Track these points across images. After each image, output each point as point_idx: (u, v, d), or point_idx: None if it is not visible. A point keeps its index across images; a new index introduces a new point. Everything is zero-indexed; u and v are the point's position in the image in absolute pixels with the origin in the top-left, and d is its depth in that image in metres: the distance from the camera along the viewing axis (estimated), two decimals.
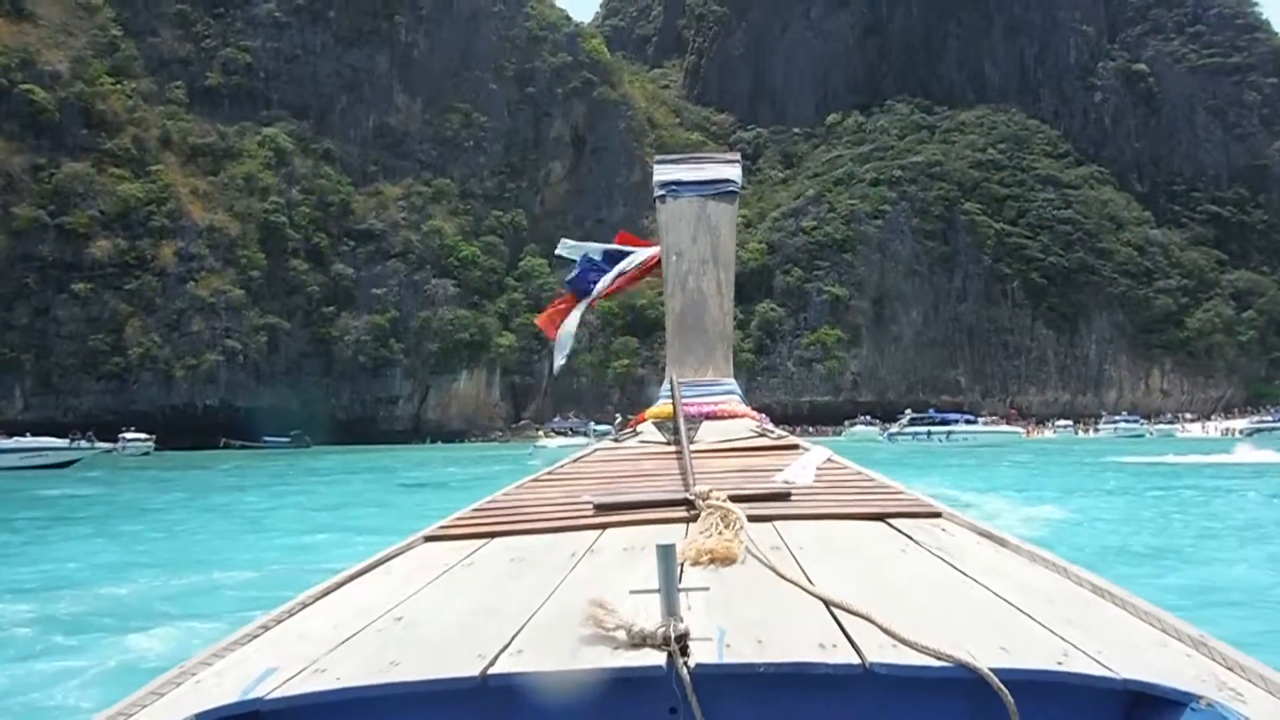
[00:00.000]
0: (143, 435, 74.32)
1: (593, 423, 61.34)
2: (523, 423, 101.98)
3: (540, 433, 52.46)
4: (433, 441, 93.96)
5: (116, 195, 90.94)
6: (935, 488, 23.62)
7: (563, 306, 5.64)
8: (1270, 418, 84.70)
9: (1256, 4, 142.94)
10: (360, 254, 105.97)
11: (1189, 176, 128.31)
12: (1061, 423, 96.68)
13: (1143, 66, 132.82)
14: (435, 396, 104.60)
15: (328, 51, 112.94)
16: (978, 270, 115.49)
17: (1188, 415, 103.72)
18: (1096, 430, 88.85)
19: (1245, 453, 40.60)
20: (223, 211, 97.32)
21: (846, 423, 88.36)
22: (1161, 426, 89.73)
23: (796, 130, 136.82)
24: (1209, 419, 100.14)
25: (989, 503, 20.19)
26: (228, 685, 1.38)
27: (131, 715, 1.36)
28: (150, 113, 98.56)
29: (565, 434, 52.18)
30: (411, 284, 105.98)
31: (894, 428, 73.90)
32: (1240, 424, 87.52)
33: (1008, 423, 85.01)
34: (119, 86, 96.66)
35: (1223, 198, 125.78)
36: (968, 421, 71.27)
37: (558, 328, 5.57)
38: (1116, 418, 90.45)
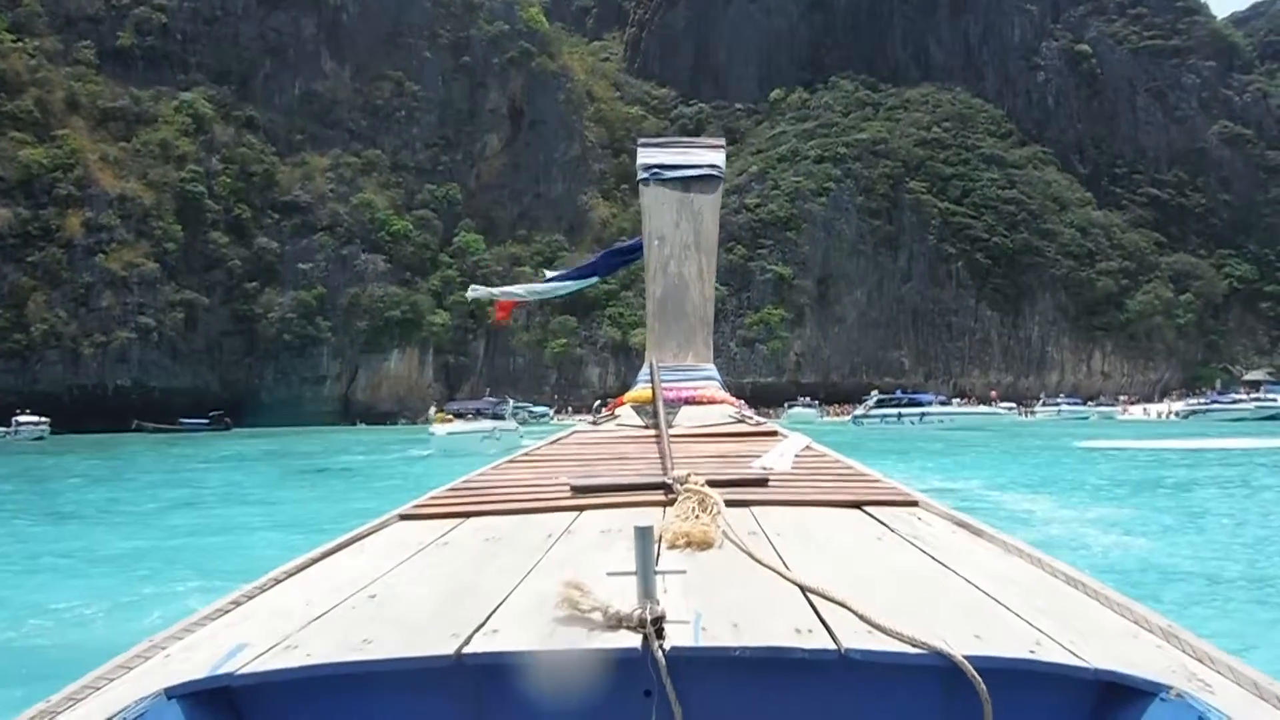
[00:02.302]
0: (35, 418, 69.09)
1: (512, 401, 53.30)
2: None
3: (437, 414, 44.41)
4: (361, 423, 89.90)
5: (18, 161, 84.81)
6: (954, 482, 21.03)
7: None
8: (1205, 400, 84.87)
9: None
10: (285, 227, 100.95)
11: (1129, 159, 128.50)
12: (1004, 405, 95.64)
13: (1085, 47, 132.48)
14: (365, 376, 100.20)
15: (250, 14, 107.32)
16: (922, 250, 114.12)
17: (1124, 397, 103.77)
18: (1034, 413, 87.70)
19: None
20: (135, 180, 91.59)
21: (786, 404, 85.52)
22: (1103, 409, 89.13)
23: (739, 106, 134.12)
24: (1149, 402, 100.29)
25: (1036, 504, 17.22)
26: (197, 660, 1.37)
27: (99, 689, 1.34)
28: (55, 74, 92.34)
29: (468, 416, 44.02)
30: (339, 259, 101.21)
31: (859, 410, 70.00)
32: (1177, 406, 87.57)
33: (988, 404, 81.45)
34: (20, 44, 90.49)
35: (1162, 180, 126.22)
36: (942, 403, 67.65)
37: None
38: (1059, 400, 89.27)
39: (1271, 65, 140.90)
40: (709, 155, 5.17)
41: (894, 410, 64.09)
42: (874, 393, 76.18)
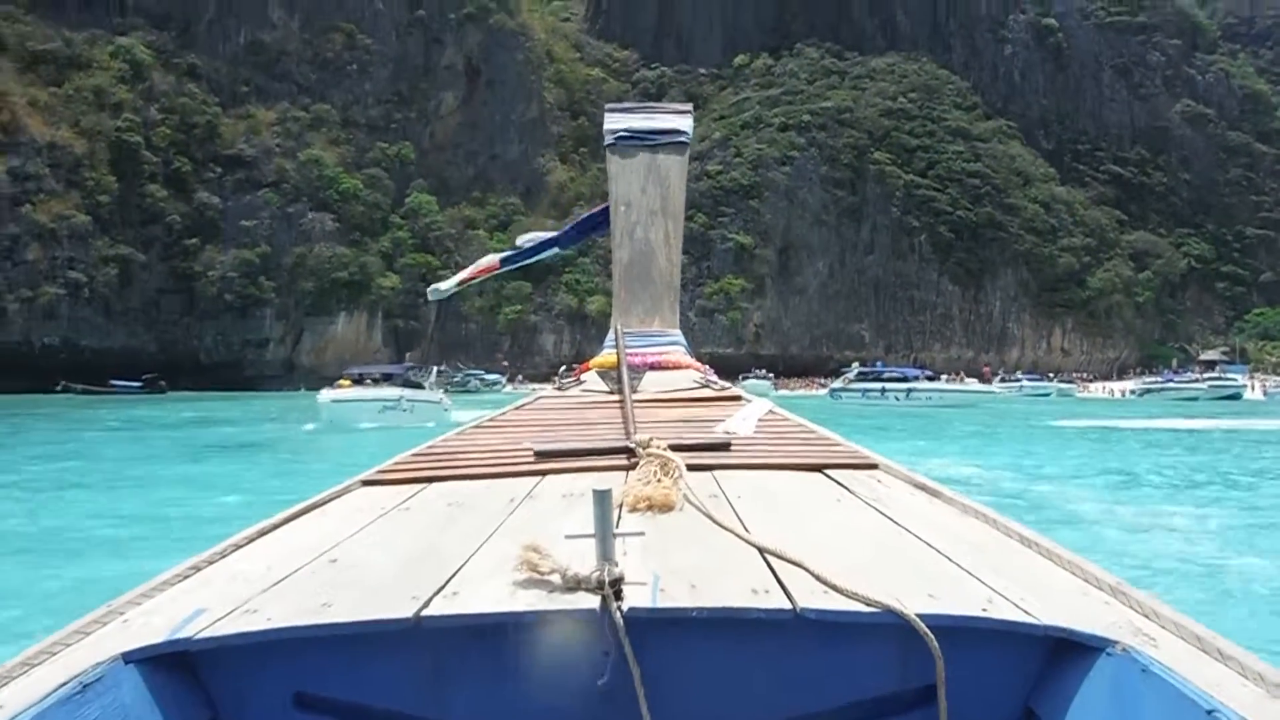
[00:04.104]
0: None
1: (436, 368, 44.89)
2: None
3: (345, 381, 35.78)
4: (305, 388, 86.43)
5: None
6: (964, 467, 18.83)
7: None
8: (1161, 379, 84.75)
9: None
10: (228, 182, 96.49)
11: (1093, 135, 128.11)
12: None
13: (1052, 21, 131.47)
14: (310, 340, 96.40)
15: None
16: (885, 222, 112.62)
17: (1084, 375, 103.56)
18: (992, 391, 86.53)
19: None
20: (67, 128, 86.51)
21: (740, 377, 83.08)
22: (1063, 386, 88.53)
23: (703, 71, 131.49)
24: (1107, 379, 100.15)
25: (1085, 505, 14.04)
26: (156, 625, 1.37)
27: (56, 654, 1.34)
28: None
29: (366, 383, 35.71)
30: (285, 217, 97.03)
31: (838, 383, 66.27)
32: (1131, 384, 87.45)
33: (981, 380, 78.51)
34: None
35: (1124, 158, 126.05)
36: (928, 378, 63.37)
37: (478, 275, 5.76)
38: (1019, 376, 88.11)
39: (1233, 46, 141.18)
40: (676, 120, 5.20)
41: (876, 385, 60.04)
42: (855, 364, 73.43)
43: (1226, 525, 11.94)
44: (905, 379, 60.43)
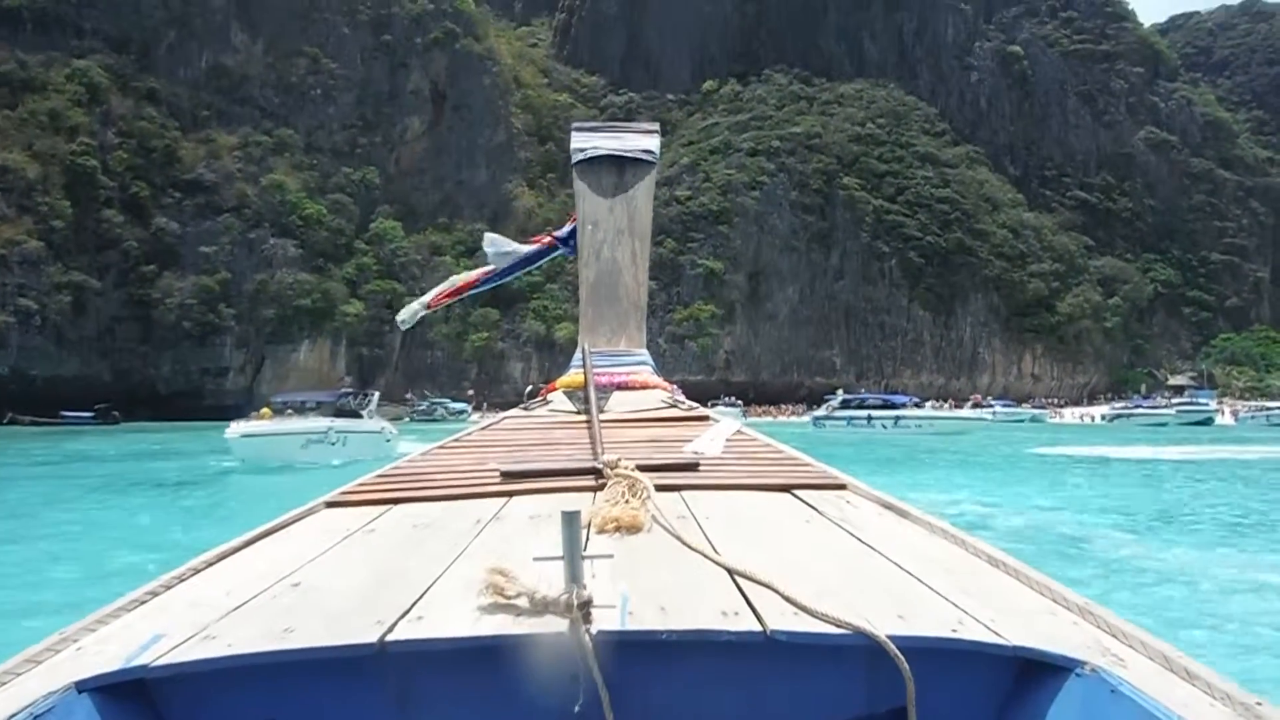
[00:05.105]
0: None
1: (376, 393, 39.59)
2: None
3: (267, 411, 31.61)
4: None
5: None
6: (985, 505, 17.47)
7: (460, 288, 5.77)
8: (1130, 404, 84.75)
9: None
10: (187, 207, 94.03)
11: (1059, 161, 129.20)
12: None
13: (1017, 49, 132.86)
14: (271, 368, 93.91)
15: None
16: (855, 248, 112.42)
17: (1055, 400, 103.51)
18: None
19: None
20: (19, 150, 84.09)
21: (710, 404, 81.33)
22: (1035, 411, 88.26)
23: (671, 96, 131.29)
24: (1077, 405, 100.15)
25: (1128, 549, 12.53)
26: (111, 652, 1.34)
27: (6, 683, 1.30)
28: None
29: (287, 412, 31.55)
30: (246, 243, 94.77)
31: (821, 410, 64.41)
32: (1101, 410, 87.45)
33: (974, 407, 76.92)
34: None
35: (1090, 184, 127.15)
36: (915, 405, 61.84)
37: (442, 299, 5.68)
38: (993, 402, 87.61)
39: (1194, 74, 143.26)
40: (643, 140, 5.19)
41: (862, 412, 58.08)
42: (839, 391, 71.62)
43: None
44: (892, 406, 58.71)
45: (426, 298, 5.81)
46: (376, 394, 38.35)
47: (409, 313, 5.75)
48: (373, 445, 29.99)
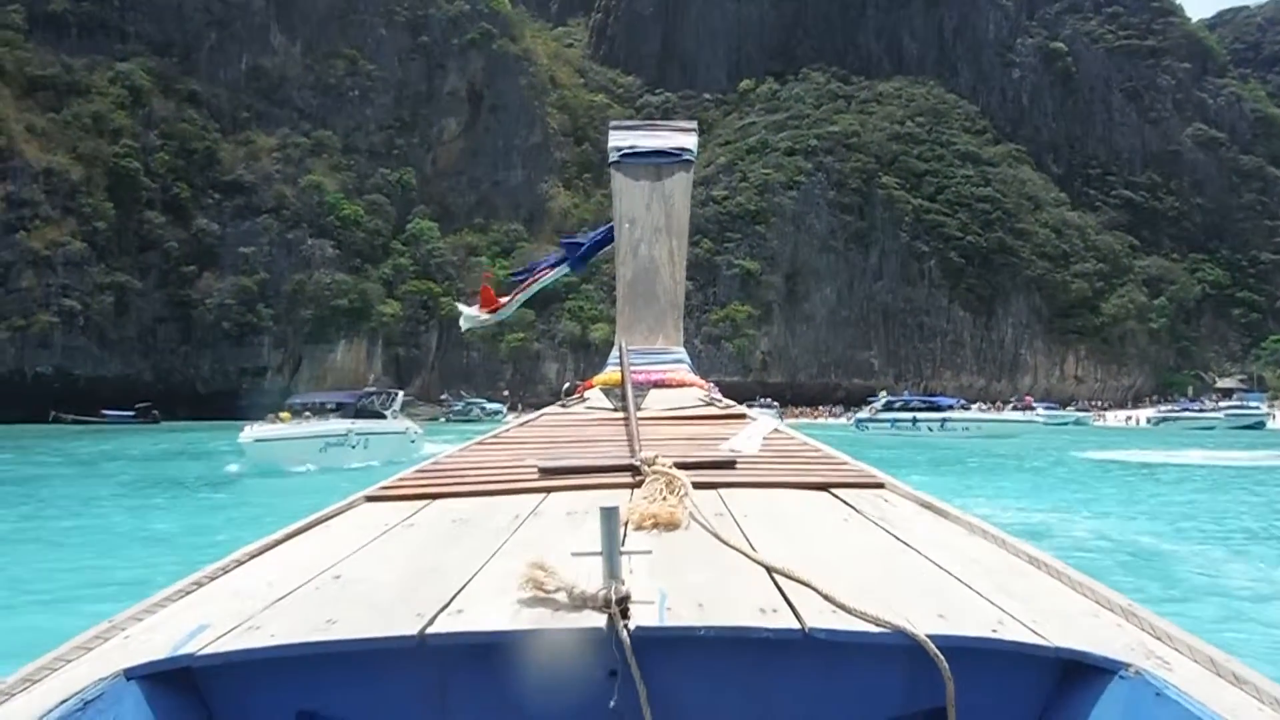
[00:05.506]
0: None
1: (400, 393, 37.51)
2: (405, 399, 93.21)
3: (285, 414, 30.15)
4: None
5: None
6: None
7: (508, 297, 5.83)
8: (1176, 407, 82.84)
9: None
10: (227, 208, 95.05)
11: (1104, 160, 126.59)
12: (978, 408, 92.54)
13: (1060, 45, 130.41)
14: (308, 368, 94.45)
15: None
16: (894, 247, 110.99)
17: (1099, 403, 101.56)
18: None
19: None
20: (64, 153, 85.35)
21: (746, 405, 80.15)
22: (1080, 415, 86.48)
23: (708, 96, 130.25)
24: (1121, 407, 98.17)
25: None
26: (158, 641, 1.37)
27: (56, 670, 1.34)
28: None
29: (305, 415, 30.41)
30: (284, 243, 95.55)
31: (864, 412, 62.78)
32: (1147, 413, 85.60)
33: (1024, 409, 73.76)
34: None
35: (1136, 182, 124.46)
36: (962, 407, 60.32)
37: (497, 307, 5.78)
38: (1035, 405, 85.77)
39: (1244, 70, 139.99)
40: (680, 138, 5.22)
41: (907, 414, 56.52)
42: (882, 393, 70.07)
43: None
44: (938, 408, 57.17)
45: (498, 314, 5.90)
46: (400, 393, 36.99)
47: (469, 319, 5.90)
48: (396, 447, 29.23)
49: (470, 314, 5.91)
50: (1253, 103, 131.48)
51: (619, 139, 5.19)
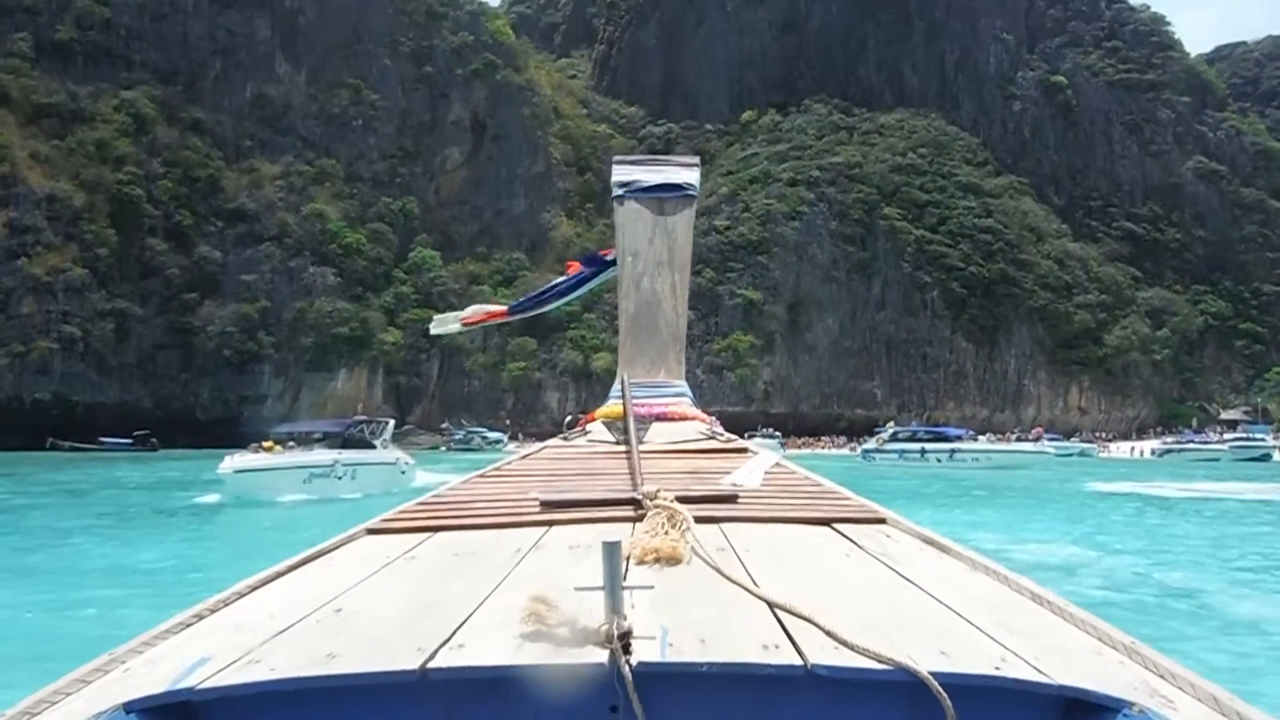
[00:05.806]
0: None
1: (390, 421, 36.35)
2: (406, 427, 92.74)
3: (270, 444, 29.64)
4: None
5: None
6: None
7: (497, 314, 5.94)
8: (1180, 439, 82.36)
9: (1169, 24, 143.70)
10: (229, 235, 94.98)
11: (1105, 192, 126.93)
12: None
13: (1061, 78, 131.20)
14: (309, 396, 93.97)
15: (200, 11, 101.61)
16: (897, 278, 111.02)
17: (1103, 435, 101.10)
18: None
19: None
20: (67, 180, 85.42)
21: (748, 435, 79.84)
22: (1085, 446, 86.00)
23: (710, 127, 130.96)
24: (1125, 439, 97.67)
25: None
26: (158, 674, 1.36)
27: (56, 703, 1.33)
28: None
29: (290, 444, 30.50)
30: (286, 271, 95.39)
31: (871, 443, 63.08)
32: (1151, 444, 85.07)
33: (1034, 440, 74.41)
34: None
35: (1137, 214, 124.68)
36: (971, 438, 60.20)
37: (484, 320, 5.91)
38: (1047, 436, 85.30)
39: (1243, 104, 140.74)
40: (683, 173, 5.26)
41: (915, 445, 56.40)
42: (889, 423, 69.80)
43: None
44: (946, 439, 56.86)
45: (465, 312, 5.92)
46: (390, 422, 35.97)
47: (441, 323, 5.90)
48: (386, 478, 28.58)
49: (441, 318, 5.94)
50: (1252, 136, 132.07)
51: (622, 174, 5.23)
